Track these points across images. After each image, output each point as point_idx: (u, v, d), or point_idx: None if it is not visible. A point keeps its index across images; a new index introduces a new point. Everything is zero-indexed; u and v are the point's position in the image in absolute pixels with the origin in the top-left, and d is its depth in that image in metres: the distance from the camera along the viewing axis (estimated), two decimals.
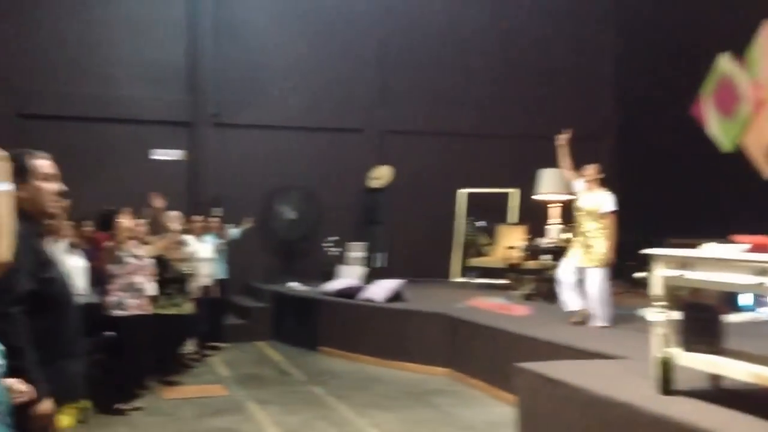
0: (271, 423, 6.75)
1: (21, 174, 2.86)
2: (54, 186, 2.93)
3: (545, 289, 9.75)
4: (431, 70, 13.95)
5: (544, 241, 10.07)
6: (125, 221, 6.80)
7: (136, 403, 7.10)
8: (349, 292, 10.16)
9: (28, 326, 2.54)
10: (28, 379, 2.43)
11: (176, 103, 12.76)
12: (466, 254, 12.94)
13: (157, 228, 8.09)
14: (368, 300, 9.76)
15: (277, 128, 13.31)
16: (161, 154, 12.78)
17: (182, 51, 12.84)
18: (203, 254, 9.48)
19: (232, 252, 11.07)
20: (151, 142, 12.68)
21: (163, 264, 7.59)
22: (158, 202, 9.11)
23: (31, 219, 2.84)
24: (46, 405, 2.51)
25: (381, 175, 12.78)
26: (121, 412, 6.82)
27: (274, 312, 11.33)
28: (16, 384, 2.31)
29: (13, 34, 11.88)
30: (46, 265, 2.77)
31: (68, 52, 12.15)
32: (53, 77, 12.05)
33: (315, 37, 13.53)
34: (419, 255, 13.10)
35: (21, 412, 2.37)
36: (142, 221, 7.39)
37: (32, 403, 2.47)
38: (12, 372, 2.31)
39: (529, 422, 5.24)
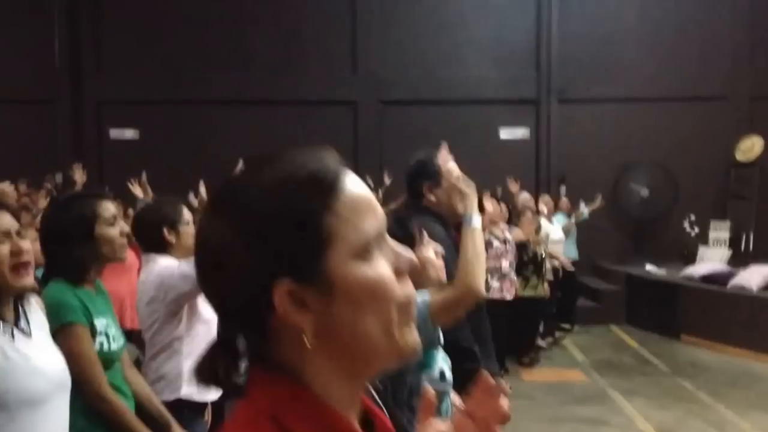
0: (641, 416, 6.33)
1: (432, 176, 2.90)
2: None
3: None
4: None
5: None
6: (488, 204, 6.81)
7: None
8: (717, 278, 9.21)
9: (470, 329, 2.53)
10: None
11: (522, 81, 12.66)
12: None
13: (512, 211, 8.07)
14: (741, 287, 8.75)
15: (626, 100, 12.56)
16: (508, 134, 12.81)
17: (529, 27, 12.68)
18: (553, 235, 9.26)
19: (580, 232, 10.73)
20: (497, 121, 12.76)
21: (522, 246, 7.51)
22: (513, 186, 9.11)
23: (443, 219, 2.86)
24: None
25: (749, 147, 11.42)
26: None
27: (628, 295, 10.75)
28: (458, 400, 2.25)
29: (377, 30, 12.68)
30: None
31: (423, 40, 12.65)
32: (409, 64, 12.65)
33: None
34: None
35: None
36: (504, 205, 7.38)
37: None
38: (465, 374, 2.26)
39: None
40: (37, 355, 2.03)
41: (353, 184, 0.83)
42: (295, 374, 0.81)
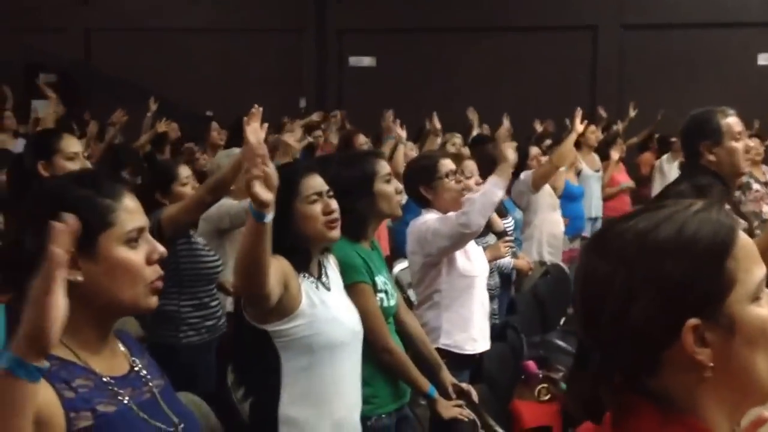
0: None
1: (712, 135, 2.71)
2: (743, 143, 2.74)
3: None
4: None
5: None
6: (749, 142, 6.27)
7: None
8: None
9: None
10: None
11: None
12: None
13: None
14: None
15: None
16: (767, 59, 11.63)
17: None
18: None
19: None
20: (756, 46, 11.58)
21: None
22: None
23: (723, 180, 2.70)
24: None
25: None
26: None
27: None
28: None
29: None
30: None
31: None
32: None
33: None
34: None
35: None
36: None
37: None
38: None
39: None
40: (336, 306, 2.26)
41: (743, 233, 0.93)
42: (686, 407, 0.90)
